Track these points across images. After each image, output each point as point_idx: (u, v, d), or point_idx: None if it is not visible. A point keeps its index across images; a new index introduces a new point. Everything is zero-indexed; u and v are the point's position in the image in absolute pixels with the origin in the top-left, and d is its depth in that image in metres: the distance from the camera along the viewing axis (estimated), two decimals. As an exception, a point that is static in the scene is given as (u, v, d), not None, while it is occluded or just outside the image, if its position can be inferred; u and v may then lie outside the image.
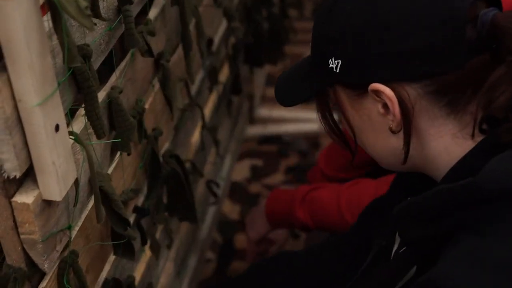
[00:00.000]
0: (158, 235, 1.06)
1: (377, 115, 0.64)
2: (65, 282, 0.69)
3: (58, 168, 0.60)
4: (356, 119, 0.67)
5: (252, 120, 2.00)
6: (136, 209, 0.91)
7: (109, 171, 0.81)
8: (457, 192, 0.59)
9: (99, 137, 0.67)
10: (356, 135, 0.69)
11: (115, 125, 0.78)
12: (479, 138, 0.64)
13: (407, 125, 0.63)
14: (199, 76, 1.24)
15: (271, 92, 2.40)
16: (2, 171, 0.57)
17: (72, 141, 0.64)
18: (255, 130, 1.98)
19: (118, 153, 0.83)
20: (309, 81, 0.68)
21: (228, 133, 1.67)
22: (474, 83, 0.61)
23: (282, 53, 1.90)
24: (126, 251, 0.80)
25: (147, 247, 1.01)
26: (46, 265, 0.65)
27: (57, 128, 0.58)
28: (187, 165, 1.13)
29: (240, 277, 1.06)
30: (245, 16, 1.54)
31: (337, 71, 0.64)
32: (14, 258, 0.64)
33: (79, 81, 0.63)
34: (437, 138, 0.64)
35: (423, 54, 0.60)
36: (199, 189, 1.35)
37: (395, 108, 0.62)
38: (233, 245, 1.56)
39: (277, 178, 1.78)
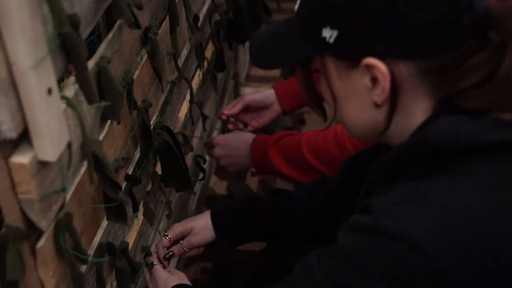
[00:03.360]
0: (152, 205, 1.10)
1: (363, 88, 0.63)
2: (61, 241, 0.72)
3: (52, 130, 0.63)
4: (341, 89, 0.66)
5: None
6: (127, 177, 0.94)
7: (100, 139, 0.84)
8: (412, 146, 0.62)
9: (90, 101, 0.70)
10: (337, 103, 0.68)
11: (104, 94, 0.81)
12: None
13: (394, 100, 0.62)
14: (184, 51, 1.27)
15: (255, 71, 2.41)
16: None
17: (64, 105, 0.67)
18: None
19: (108, 122, 0.86)
20: (294, 47, 0.65)
21: (214, 111, 1.70)
22: (459, 66, 0.60)
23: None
24: (118, 215, 0.84)
25: (140, 215, 1.04)
26: (43, 224, 0.68)
27: (49, 91, 0.61)
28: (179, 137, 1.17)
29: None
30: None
31: (331, 41, 0.61)
32: (12, 218, 0.68)
33: (68, 48, 0.66)
34: (413, 115, 0.64)
35: (425, 32, 0.59)
36: (188, 163, 1.39)
37: (386, 83, 0.60)
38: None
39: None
